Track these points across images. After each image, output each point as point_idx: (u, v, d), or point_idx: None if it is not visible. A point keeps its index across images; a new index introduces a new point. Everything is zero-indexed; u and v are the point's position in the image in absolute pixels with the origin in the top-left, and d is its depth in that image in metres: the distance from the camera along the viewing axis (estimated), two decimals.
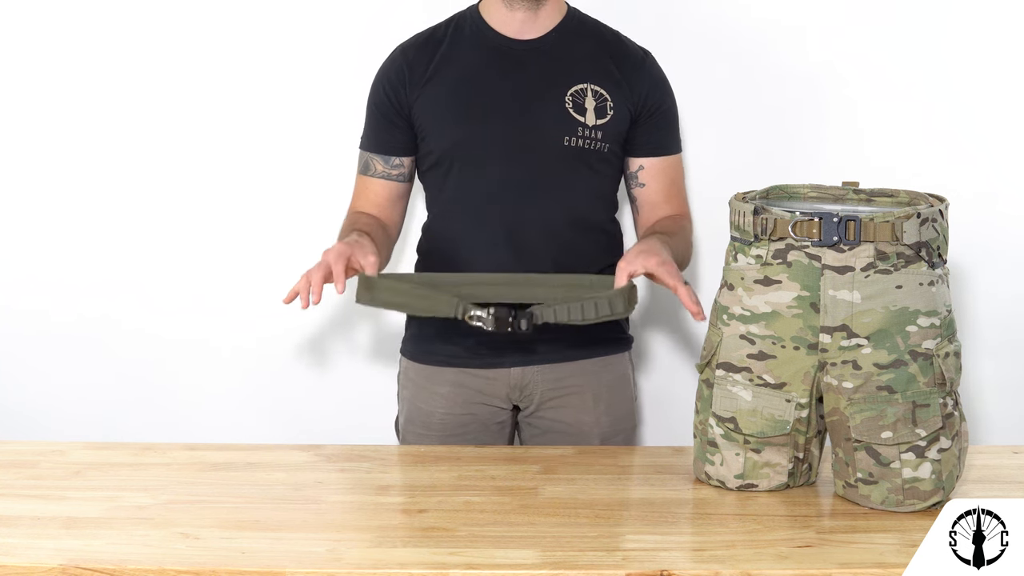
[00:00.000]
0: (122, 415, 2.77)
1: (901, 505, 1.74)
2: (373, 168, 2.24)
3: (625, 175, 2.26)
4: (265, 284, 2.72)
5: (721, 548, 1.61)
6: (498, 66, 2.17)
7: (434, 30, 2.24)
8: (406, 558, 1.58)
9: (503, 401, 2.25)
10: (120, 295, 2.74)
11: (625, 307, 1.96)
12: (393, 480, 1.91)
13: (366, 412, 2.69)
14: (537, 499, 1.79)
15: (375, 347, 2.76)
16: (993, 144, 2.63)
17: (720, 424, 1.82)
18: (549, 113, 2.15)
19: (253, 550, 1.60)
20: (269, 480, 1.88)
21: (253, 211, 2.72)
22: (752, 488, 1.82)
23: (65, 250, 2.74)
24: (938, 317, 1.74)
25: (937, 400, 1.73)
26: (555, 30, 2.20)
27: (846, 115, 2.63)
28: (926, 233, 1.72)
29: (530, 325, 1.96)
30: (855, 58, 2.61)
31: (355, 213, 2.23)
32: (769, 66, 2.61)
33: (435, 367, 2.25)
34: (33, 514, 1.73)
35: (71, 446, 2.03)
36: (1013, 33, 2.59)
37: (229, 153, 2.70)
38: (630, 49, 2.23)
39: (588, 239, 2.21)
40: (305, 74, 2.66)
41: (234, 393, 2.77)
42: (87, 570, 1.55)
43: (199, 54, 2.67)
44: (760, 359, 1.78)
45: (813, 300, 1.73)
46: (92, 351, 2.76)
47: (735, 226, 1.80)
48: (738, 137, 2.64)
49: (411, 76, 2.19)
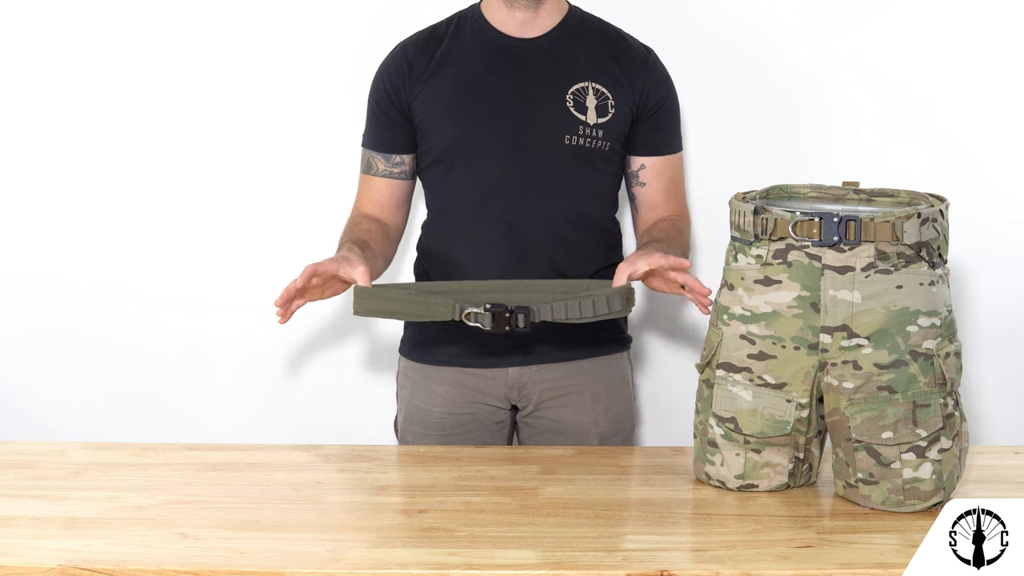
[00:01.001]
0: (122, 415, 2.77)
1: (901, 505, 1.74)
2: (375, 167, 2.24)
3: (625, 174, 2.25)
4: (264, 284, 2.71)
5: (721, 548, 1.61)
6: (499, 65, 2.17)
7: (435, 28, 2.24)
8: (406, 558, 1.58)
9: (501, 401, 2.25)
10: (120, 295, 2.74)
11: (623, 306, 1.96)
12: (393, 480, 1.91)
13: (366, 412, 2.69)
14: (537, 499, 1.79)
15: (374, 347, 2.75)
16: (993, 144, 2.63)
17: (720, 424, 1.82)
18: (550, 111, 2.15)
19: (253, 550, 1.60)
20: (269, 480, 1.87)
21: (252, 210, 2.71)
22: (752, 488, 1.82)
23: (65, 250, 2.74)
24: (938, 317, 1.73)
25: (938, 400, 1.73)
26: (556, 29, 2.19)
27: (846, 115, 2.63)
28: (926, 233, 1.72)
29: (527, 323, 1.95)
30: (855, 58, 2.61)
31: (356, 217, 2.23)
32: (770, 66, 2.61)
33: (434, 367, 2.25)
34: (33, 514, 1.73)
35: (71, 446, 2.03)
36: (1013, 33, 2.59)
37: (230, 153, 2.70)
38: (632, 47, 2.23)
39: (588, 238, 2.21)
40: (306, 71, 2.66)
41: (234, 393, 2.77)
42: (86, 570, 1.55)
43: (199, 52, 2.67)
44: (760, 359, 1.78)
45: (813, 300, 1.73)
46: (92, 351, 2.76)
47: (735, 226, 1.80)
48: (738, 137, 2.64)
49: (411, 74, 2.19)
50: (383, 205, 2.24)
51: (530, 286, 2.04)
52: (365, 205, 2.25)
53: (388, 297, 1.98)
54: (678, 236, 2.17)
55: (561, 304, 1.95)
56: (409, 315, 2.00)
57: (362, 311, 1.96)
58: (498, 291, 2.03)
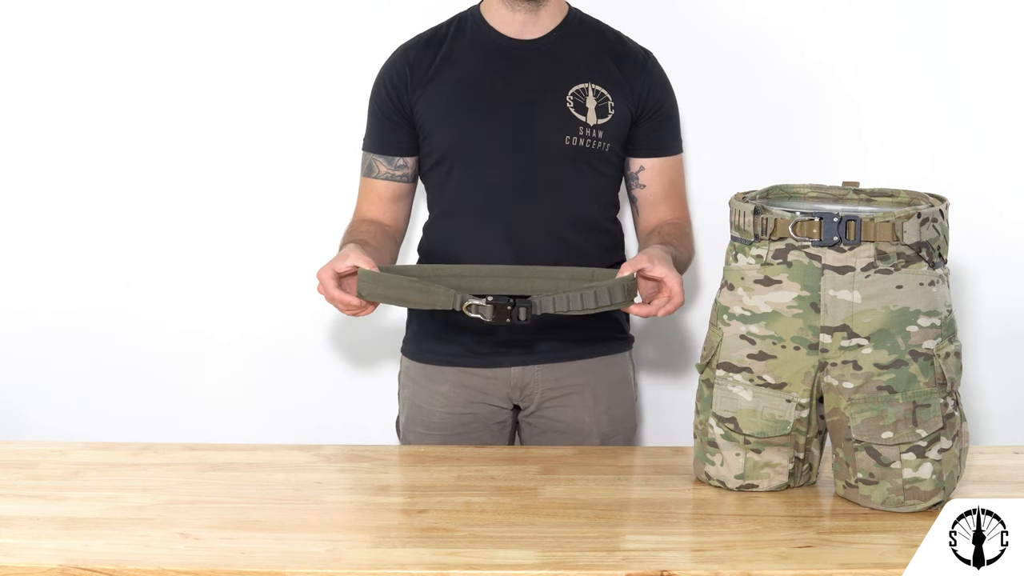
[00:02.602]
0: (122, 415, 2.77)
1: (901, 505, 1.74)
2: (376, 169, 2.23)
3: (625, 176, 2.25)
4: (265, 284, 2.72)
5: (721, 548, 1.61)
6: (499, 66, 2.17)
7: (435, 30, 2.24)
8: (406, 558, 1.58)
9: (503, 400, 2.25)
10: (121, 296, 2.74)
11: (624, 298, 1.95)
12: (393, 480, 1.91)
13: (366, 412, 2.70)
14: (537, 499, 1.79)
15: (375, 347, 2.76)
16: (993, 144, 2.63)
17: (720, 424, 1.82)
18: (550, 113, 2.15)
19: (253, 550, 1.60)
20: (269, 480, 1.87)
21: (253, 211, 2.72)
22: (752, 488, 1.82)
23: (66, 251, 2.74)
24: (938, 317, 1.73)
25: (938, 400, 1.73)
26: (556, 30, 2.20)
27: (846, 115, 2.63)
28: (926, 233, 1.72)
29: (529, 315, 1.94)
30: (855, 58, 2.61)
31: (356, 222, 2.23)
32: (769, 66, 2.62)
33: (436, 366, 2.25)
34: (32, 514, 1.73)
35: (71, 446, 2.03)
36: (1013, 33, 2.59)
37: (230, 154, 2.70)
38: (631, 49, 2.23)
39: (589, 239, 2.21)
40: (306, 73, 2.67)
41: (234, 393, 2.77)
42: (86, 570, 1.55)
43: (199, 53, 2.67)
44: (760, 359, 1.78)
45: (813, 300, 1.73)
46: (93, 352, 2.77)
47: (735, 226, 1.80)
48: (738, 137, 2.64)
49: (413, 76, 2.19)
50: (384, 208, 2.24)
51: (534, 271, 2.04)
52: (366, 209, 2.24)
53: (391, 284, 1.97)
54: (685, 240, 2.18)
55: (563, 296, 1.94)
56: (410, 302, 1.98)
57: (366, 294, 1.96)
58: (501, 276, 2.04)
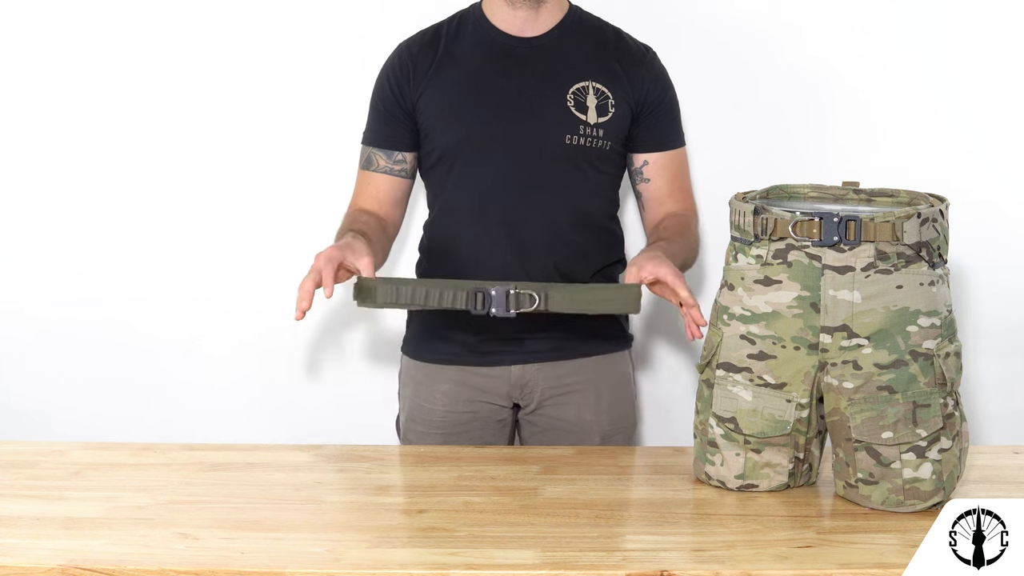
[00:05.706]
0: (122, 415, 2.77)
1: (902, 505, 1.74)
2: (375, 163, 2.23)
3: (629, 171, 2.26)
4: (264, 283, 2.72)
5: (721, 548, 1.61)
6: (500, 64, 2.17)
7: (437, 27, 2.24)
8: (406, 558, 1.58)
9: (504, 399, 2.25)
10: (120, 295, 2.74)
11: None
12: (393, 480, 1.91)
13: (366, 412, 2.69)
14: (537, 499, 1.78)
15: (375, 346, 2.75)
16: (994, 144, 2.63)
17: (720, 424, 1.82)
18: (551, 111, 2.15)
19: (253, 550, 1.60)
20: (269, 480, 1.87)
21: (252, 210, 2.71)
22: (752, 488, 1.82)
23: (65, 251, 2.74)
24: (938, 317, 1.73)
25: (938, 400, 1.73)
26: (557, 28, 2.20)
27: (847, 115, 2.63)
28: (926, 233, 1.72)
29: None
30: (855, 58, 2.61)
31: (354, 211, 2.22)
32: (770, 65, 2.62)
33: (436, 365, 2.25)
34: (32, 514, 1.72)
35: (71, 446, 2.03)
36: (1014, 33, 2.59)
37: (228, 153, 2.70)
38: (631, 46, 2.23)
39: (589, 237, 2.21)
40: (306, 72, 2.66)
41: (234, 393, 2.77)
42: (86, 570, 1.55)
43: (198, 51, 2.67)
44: (760, 359, 1.78)
45: (813, 300, 1.73)
46: (92, 351, 2.76)
47: (735, 226, 1.80)
48: (739, 136, 2.64)
49: (415, 73, 2.19)
50: (381, 201, 2.24)
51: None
52: (363, 201, 2.24)
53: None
54: (685, 232, 2.17)
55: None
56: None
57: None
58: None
